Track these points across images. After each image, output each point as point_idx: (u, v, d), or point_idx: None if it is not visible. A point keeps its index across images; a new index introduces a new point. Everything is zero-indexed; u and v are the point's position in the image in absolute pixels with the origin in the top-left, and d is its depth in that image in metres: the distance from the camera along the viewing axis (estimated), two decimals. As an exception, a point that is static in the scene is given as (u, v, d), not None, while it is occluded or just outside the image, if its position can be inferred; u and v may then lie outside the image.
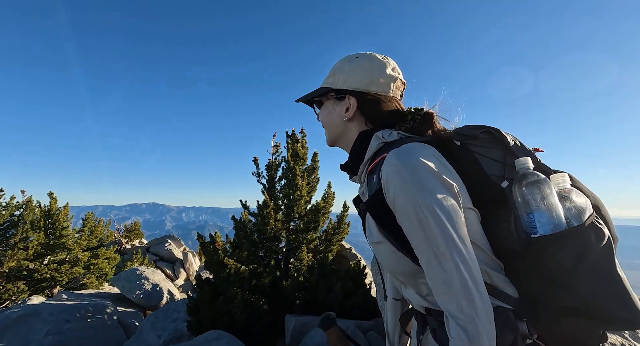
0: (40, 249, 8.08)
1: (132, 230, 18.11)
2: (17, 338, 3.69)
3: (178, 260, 15.13)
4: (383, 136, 0.85)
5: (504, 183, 0.74)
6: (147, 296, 5.71)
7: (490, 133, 0.79)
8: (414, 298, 0.82)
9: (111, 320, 4.60)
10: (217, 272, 4.20)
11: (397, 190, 0.69)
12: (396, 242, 0.73)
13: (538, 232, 0.67)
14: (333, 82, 0.94)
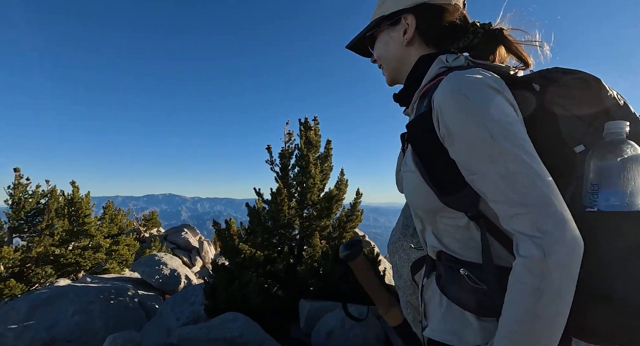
0: (65, 235, 8.45)
1: (149, 219, 18.69)
2: (46, 317, 3.90)
3: (194, 248, 15.53)
4: (447, 60, 0.74)
5: (579, 148, 0.61)
6: (166, 281, 5.91)
7: (585, 82, 0.63)
8: (429, 239, 0.77)
9: (132, 302, 4.79)
10: (232, 258, 4.28)
11: (455, 110, 0.61)
12: (427, 174, 0.67)
13: (598, 207, 0.56)
14: (384, 10, 0.83)
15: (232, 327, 2.80)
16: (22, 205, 8.20)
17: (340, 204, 4.79)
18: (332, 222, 4.79)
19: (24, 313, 3.91)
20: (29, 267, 8.37)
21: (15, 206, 8.19)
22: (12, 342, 3.47)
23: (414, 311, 1.87)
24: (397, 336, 2.55)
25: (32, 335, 3.57)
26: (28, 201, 8.31)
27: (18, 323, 3.75)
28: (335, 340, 2.76)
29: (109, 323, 4.14)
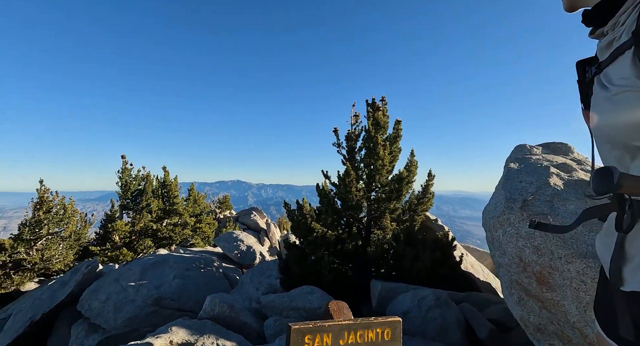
0: (160, 213, 9.85)
1: (223, 202, 20.62)
2: (154, 278, 4.62)
3: (262, 229, 16.71)
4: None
5: None
6: (243, 256, 6.50)
7: None
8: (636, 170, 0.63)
9: (218, 272, 5.40)
10: (304, 236, 4.49)
11: None
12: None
13: None
14: None
15: (311, 299, 2.96)
16: (128, 187, 9.76)
17: (411, 186, 4.63)
18: (402, 204, 4.67)
19: (138, 274, 4.71)
20: (134, 239, 9.99)
21: (123, 187, 9.80)
22: (132, 295, 4.22)
23: (520, 290, 1.73)
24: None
25: (146, 292, 4.29)
26: (132, 183, 9.85)
27: (135, 281, 4.53)
28: (411, 321, 2.73)
29: (200, 287, 4.74)
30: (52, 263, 11.16)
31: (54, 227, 11.34)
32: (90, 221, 13.20)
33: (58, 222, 11.32)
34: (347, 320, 0.96)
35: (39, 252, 10.77)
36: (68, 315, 4.45)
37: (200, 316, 2.73)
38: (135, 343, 2.17)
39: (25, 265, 10.63)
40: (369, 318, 1.00)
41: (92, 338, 3.76)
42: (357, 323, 0.96)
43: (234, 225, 13.78)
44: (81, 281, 4.75)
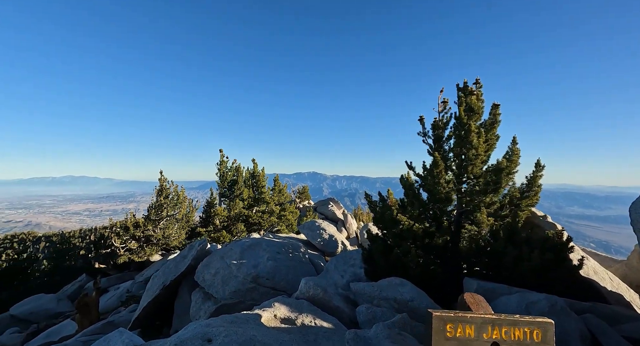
0: (250, 201, 10.99)
1: (302, 193, 21.74)
2: (251, 258, 5.20)
3: (339, 220, 17.08)
4: None
5: None
6: (326, 244, 6.80)
7: None
8: None
9: (304, 257, 5.77)
10: (388, 228, 4.45)
11: None
12: None
13: None
14: None
15: (402, 291, 2.93)
16: (225, 177, 11.13)
17: (512, 178, 4.12)
18: (500, 198, 4.20)
19: (238, 253, 5.36)
20: (230, 223, 11.33)
21: (221, 177, 11.22)
22: (235, 272, 4.86)
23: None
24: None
25: (245, 270, 4.88)
26: (228, 174, 11.18)
27: (236, 260, 5.18)
28: (517, 326, 2.46)
29: (290, 270, 5.14)
30: (170, 239, 13.49)
31: (171, 210, 13.63)
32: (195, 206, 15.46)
33: (174, 206, 13.56)
34: (488, 314, 0.92)
35: (161, 230, 13.14)
36: (189, 283, 5.37)
37: (297, 296, 2.98)
38: (247, 313, 2.49)
39: (153, 240, 13.10)
40: (513, 316, 0.94)
41: (207, 304, 4.47)
42: (502, 319, 0.91)
43: (313, 214, 14.47)
44: (196, 256, 5.66)
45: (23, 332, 8.96)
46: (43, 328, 8.78)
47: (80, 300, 6.83)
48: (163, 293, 5.25)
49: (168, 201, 13.62)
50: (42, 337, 7.46)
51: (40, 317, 10.26)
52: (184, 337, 1.89)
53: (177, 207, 14.02)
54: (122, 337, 2.76)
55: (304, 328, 2.41)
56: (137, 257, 12.51)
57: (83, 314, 6.70)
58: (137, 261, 12.75)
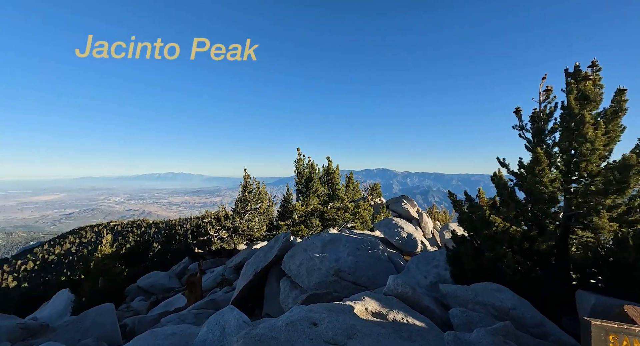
0: (325, 197, 11.39)
1: (374, 190, 21.51)
2: (332, 252, 5.44)
3: (414, 218, 16.43)
4: None
5: None
6: (404, 243, 6.67)
7: None
8: None
9: (383, 255, 5.77)
10: (478, 229, 4.15)
11: None
12: None
13: None
14: None
15: (501, 298, 2.74)
16: (302, 174, 11.77)
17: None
18: (626, 200, 3.53)
19: (320, 247, 5.66)
20: (307, 218, 11.91)
21: (298, 174, 11.90)
22: (318, 264, 5.16)
23: None
24: None
25: (328, 263, 5.14)
26: (305, 171, 11.79)
27: (318, 253, 5.49)
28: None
29: (370, 266, 5.22)
30: (254, 231, 14.83)
31: (254, 204, 14.96)
32: (275, 201, 16.65)
33: (256, 200, 14.85)
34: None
35: (246, 222, 14.53)
36: (276, 271, 5.90)
37: (384, 292, 3.05)
38: (340, 303, 2.65)
39: (239, 230, 14.59)
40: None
41: (295, 292, 4.85)
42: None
43: (387, 212, 14.25)
44: (281, 247, 6.17)
45: (147, 301, 11.03)
46: (160, 299, 10.66)
47: (188, 279, 8.09)
48: (255, 279, 5.88)
49: (251, 196, 15.02)
50: (161, 306, 9.08)
51: (157, 290, 12.47)
52: (292, 319, 2.13)
53: (259, 201, 15.36)
54: (232, 313, 3.22)
55: (396, 324, 2.46)
56: (227, 245, 14.16)
57: (190, 291, 7.92)
58: (227, 248, 14.42)
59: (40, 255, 69.51)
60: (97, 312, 6.92)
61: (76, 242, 76.14)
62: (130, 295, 12.60)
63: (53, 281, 19.16)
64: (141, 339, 3.10)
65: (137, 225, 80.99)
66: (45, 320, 9.20)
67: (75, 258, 63.69)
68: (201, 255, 15.60)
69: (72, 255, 67.73)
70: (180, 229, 46.11)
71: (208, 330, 3.18)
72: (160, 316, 7.60)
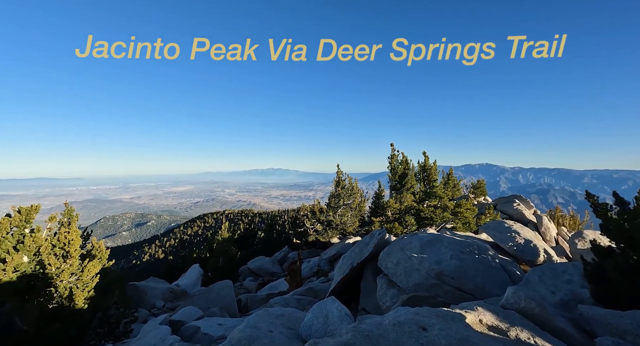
0: (421, 195, 10.77)
1: (477, 188, 19.23)
2: (432, 254, 5.10)
3: (530, 222, 14.02)
4: None
5: None
6: (521, 250, 5.74)
7: None
8: None
9: (494, 262, 5.10)
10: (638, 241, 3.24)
11: None
12: None
13: None
14: None
15: (680, 333, 2.08)
16: (396, 170, 11.40)
17: None
18: None
19: (418, 247, 5.39)
20: (401, 216, 11.48)
21: (392, 171, 11.58)
22: (417, 265, 4.92)
23: None
24: None
25: (428, 265, 4.85)
26: (399, 167, 11.39)
27: (416, 253, 5.23)
28: None
29: (478, 273, 4.68)
30: (347, 226, 15.13)
31: (346, 200, 15.24)
32: (366, 197, 16.61)
33: (349, 196, 15.10)
34: None
35: (339, 216, 14.94)
36: (371, 268, 5.90)
37: (503, 305, 2.68)
38: (449, 310, 2.46)
39: (333, 224, 15.11)
40: None
41: (392, 291, 4.75)
42: None
43: (494, 213, 12.54)
44: (377, 244, 6.12)
45: (255, 281, 12.59)
46: (266, 282, 12.01)
47: (289, 267, 8.85)
48: (351, 273, 6.01)
49: (344, 191, 15.38)
50: (266, 288, 10.22)
51: (263, 272, 14.08)
52: (399, 319, 2.08)
53: (351, 197, 15.61)
54: (334, 304, 3.36)
55: (520, 344, 2.14)
56: (321, 238, 14.90)
57: (291, 277, 8.66)
58: (322, 241, 15.19)
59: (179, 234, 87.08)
60: (220, 286, 8.26)
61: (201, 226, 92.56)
62: (243, 275, 14.59)
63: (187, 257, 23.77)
64: (258, 315, 3.54)
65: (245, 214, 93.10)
66: (184, 288, 11.49)
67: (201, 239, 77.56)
68: (299, 245, 16.85)
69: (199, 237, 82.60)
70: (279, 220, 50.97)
71: (313, 316, 3.41)
72: (267, 297, 8.57)
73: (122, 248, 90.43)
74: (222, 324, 5.13)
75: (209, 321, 5.22)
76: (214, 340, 4.64)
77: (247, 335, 3.19)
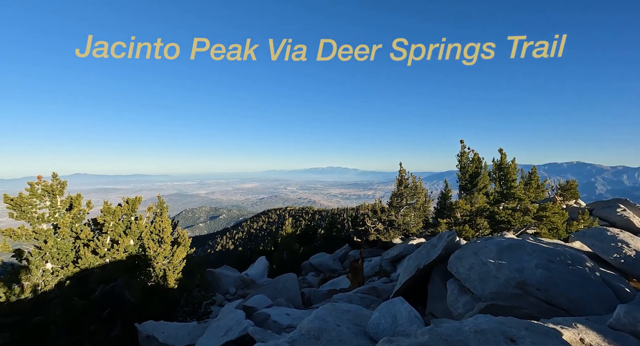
0: (496, 196, 9.78)
1: (567, 189, 16.72)
2: (513, 261, 4.60)
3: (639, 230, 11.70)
4: None
5: None
6: (631, 263, 4.82)
7: None
8: None
9: (594, 275, 4.38)
10: None
11: None
12: None
13: None
14: None
15: None
16: (466, 169, 10.55)
17: None
18: None
19: (495, 252, 4.91)
20: (472, 218, 10.61)
21: (461, 169, 10.75)
22: (494, 272, 4.49)
23: None
24: None
25: (507, 273, 4.38)
26: (469, 165, 10.52)
27: (493, 259, 4.77)
28: None
29: (572, 286, 4.07)
30: (410, 226, 14.57)
31: (409, 199, 14.68)
32: (432, 198, 15.77)
33: (412, 195, 14.52)
34: None
35: (402, 216, 14.46)
36: (440, 271, 5.58)
37: (612, 325, 2.29)
38: (539, 323, 2.20)
39: (395, 224, 14.70)
40: None
41: (465, 297, 4.43)
42: None
43: (590, 219, 10.73)
44: (446, 246, 5.75)
45: (317, 277, 12.94)
46: (327, 278, 12.25)
47: (351, 265, 8.87)
48: (417, 275, 5.77)
49: (407, 190, 14.81)
50: (328, 284, 10.42)
51: (324, 269, 14.39)
52: (480, 327, 1.93)
53: (414, 196, 14.96)
54: (403, 305, 3.28)
55: (637, 373, 1.80)
56: (383, 237, 14.59)
57: (354, 275, 8.67)
58: (383, 240, 14.88)
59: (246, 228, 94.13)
60: (286, 279, 8.69)
61: (265, 221, 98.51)
62: (305, 269, 15.12)
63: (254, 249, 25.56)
64: (326, 309, 3.64)
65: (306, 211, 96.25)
66: (252, 277, 12.38)
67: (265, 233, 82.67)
68: (359, 243, 16.78)
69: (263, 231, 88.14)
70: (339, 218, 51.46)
71: (380, 315, 3.37)
72: (329, 293, 8.74)
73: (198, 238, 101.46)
74: (290, 314, 5.40)
75: (278, 310, 5.54)
76: (283, 328, 4.91)
77: (317, 326, 3.31)
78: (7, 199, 4.79)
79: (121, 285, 5.96)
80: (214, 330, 4.93)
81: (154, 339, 4.92)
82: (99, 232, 6.14)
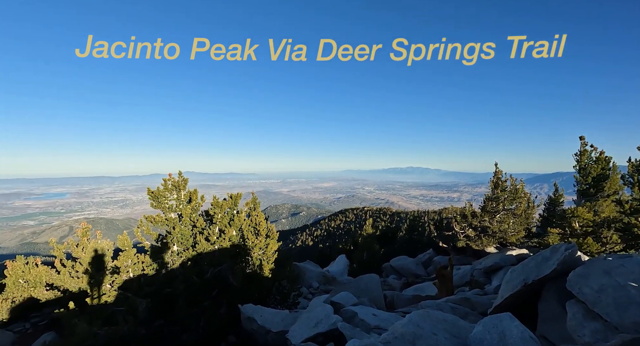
0: (635, 204, 7.83)
1: None
2: (667, 288, 3.62)
3: None
4: None
5: None
6: None
7: None
8: None
9: None
10: None
11: None
12: None
13: None
14: None
15: None
16: (587, 170, 8.76)
17: None
18: None
19: (637, 273, 3.95)
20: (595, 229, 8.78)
21: (581, 171, 8.96)
22: (636, 297, 3.61)
23: None
24: None
25: (658, 301, 3.48)
26: (592, 166, 8.71)
27: (634, 281, 3.85)
28: None
29: None
30: (507, 234, 12.91)
31: (508, 204, 13.01)
32: (537, 203, 13.65)
33: (511, 200, 12.83)
34: None
35: (497, 223, 12.92)
36: (555, 289, 4.78)
37: None
38: None
39: (489, 231, 13.21)
40: None
41: (593, 324, 3.69)
42: None
43: None
44: (562, 261, 4.89)
45: (399, 280, 12.54)
46: (410, 283, 11.75)
47: (439, 271, 8.31)
48: (523, 290, 5.05)
49: (505, 194, 13.11)
50: (412, 289, 9.98)
51: (406, 272, 13.84)
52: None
53: (514, 201, 13.15)
54: (514, 323, 2.92)
55: None
56: (474, 245, 13.25)
57: (441, 283, 8.11)
58: (474, 248, 13.50)
59: (325, 226, 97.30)
60: (369, 279, 8.66)
61: (343, 220, 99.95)
62: (385, 271, 14.81)
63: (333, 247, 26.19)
64: (419, 315, 3.50)
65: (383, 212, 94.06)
66: (333, 274, 12.72)
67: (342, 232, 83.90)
68: (445, 249, 15.59)
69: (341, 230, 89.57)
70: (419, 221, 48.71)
71: (484, 330, 3.07)
72: (414, 298, 8.37)
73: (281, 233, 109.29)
74: (376, 315, 5.36)
75: (364, 309, 5.57)
76: (370, 328, 4.91)
77: (411, 331, 3.21)
78: (149, 192, 6.06)
79: (226, 270, 6.83)
80: (305, 320, 5.24)
81: (253, 321, 5.51)
82: (210, 222, 7.16)
